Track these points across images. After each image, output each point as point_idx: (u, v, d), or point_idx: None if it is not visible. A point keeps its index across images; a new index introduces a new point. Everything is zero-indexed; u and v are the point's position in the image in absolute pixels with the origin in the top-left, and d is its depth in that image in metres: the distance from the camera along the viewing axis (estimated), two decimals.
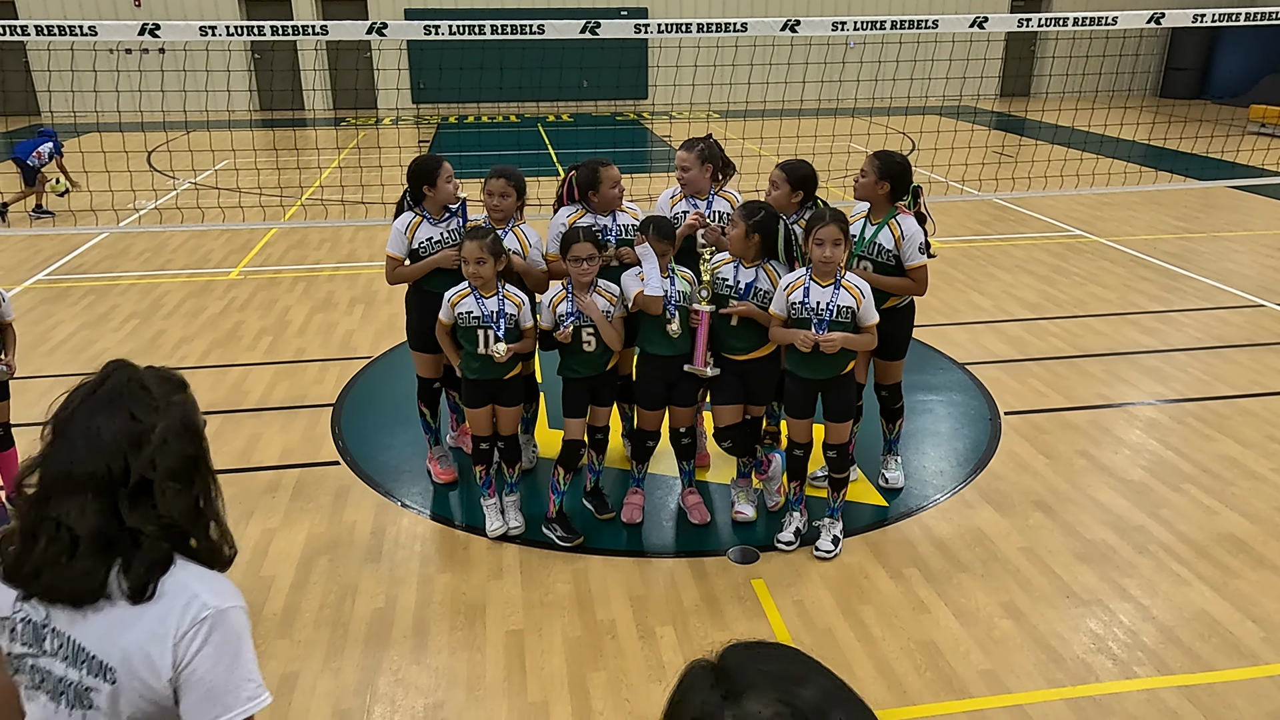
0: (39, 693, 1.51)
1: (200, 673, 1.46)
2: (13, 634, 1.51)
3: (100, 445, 1.46)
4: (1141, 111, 16.97)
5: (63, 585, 1.44)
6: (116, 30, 5.00)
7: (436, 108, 19.98)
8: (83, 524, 1.43)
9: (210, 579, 1.52)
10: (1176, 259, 8.42)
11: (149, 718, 1.50)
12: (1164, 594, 3.74)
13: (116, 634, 1.45)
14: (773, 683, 0.87)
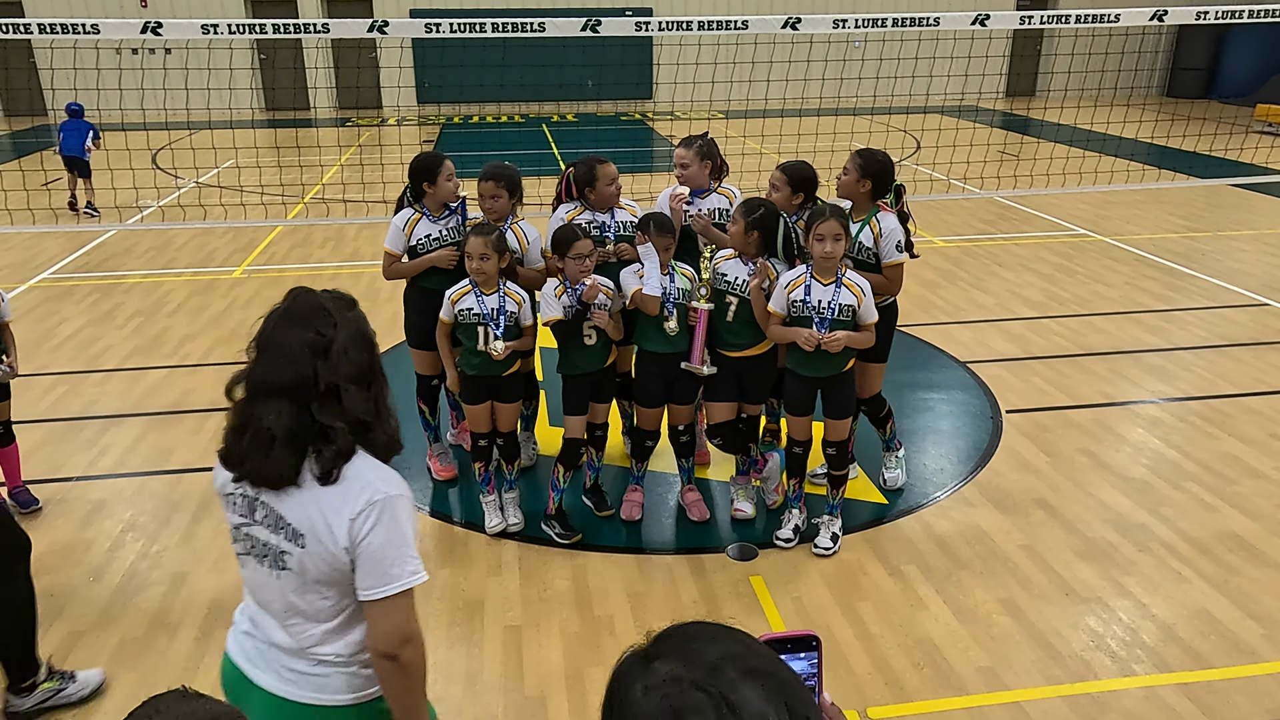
0: (249, 557, 1.87)
1: (372, 548, 1.75)
2: (233, 506, 1.87)
3: (292, 357, 1.74)
4: (1145, 109, 16.92)
5: (262, 472, 1.77)
6: (119, 28, 5.02)
7: (441, 107, 20.02)
8: (279, 424, 1.73)
9: (382, 469, 1.82)
10: (1181, 258, 8.39)
11: (328, 580, 1.80)
12: (1164, 591, 3.73)
13: (307, 508, 1.77)
14: (681, 644, 0.94)
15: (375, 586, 1.76)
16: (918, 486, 4.56)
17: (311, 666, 1.86)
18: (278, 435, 1.73)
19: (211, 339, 6.51)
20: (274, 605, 1.86)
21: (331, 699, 1.87)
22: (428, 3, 19.52)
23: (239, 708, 1.51)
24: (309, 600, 1.82)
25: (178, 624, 3.55)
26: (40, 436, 5.03)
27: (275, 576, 1.82)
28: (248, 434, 1.76)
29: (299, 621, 1.84)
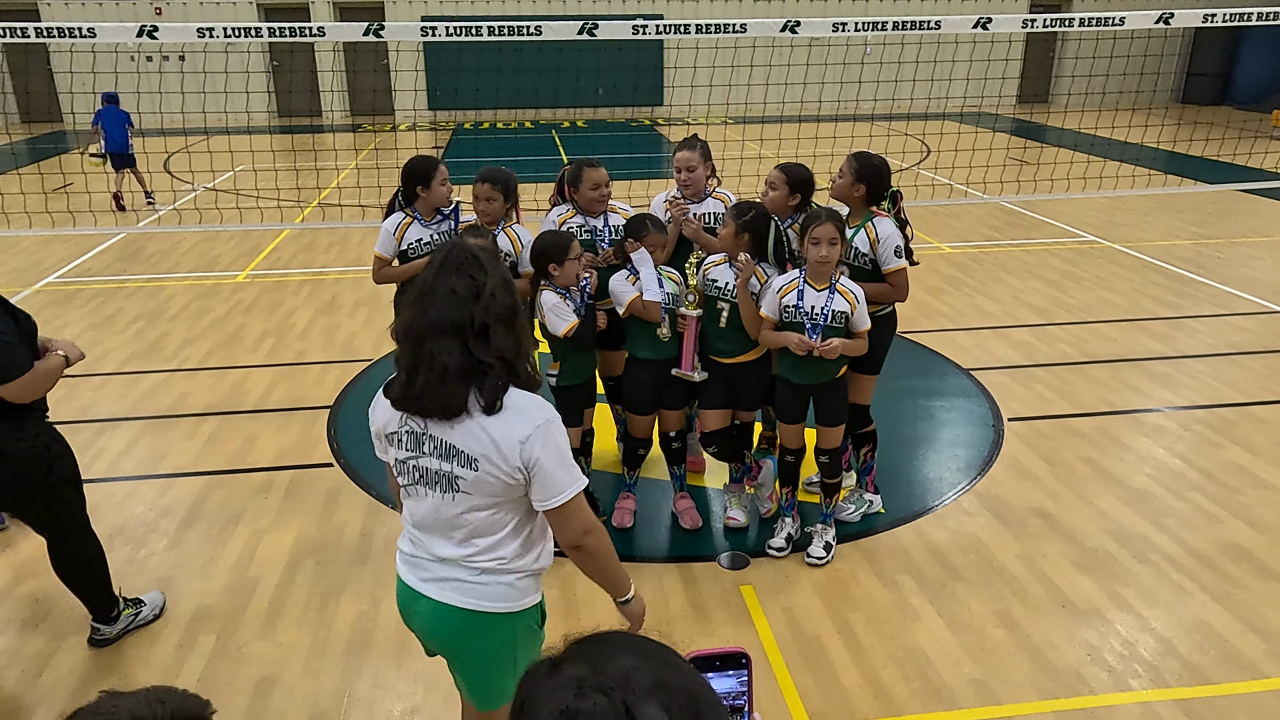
0: (418, 486, 2.11)
1: (542, 466, 2.02)
2: (399, 443, 2.10)
3: (454, 300, 1.98)
4: (1151, 115, 16.78)
5: (438, 404, 1.99)
6: (115, 32, 5.03)
7: (452, 114, 20.07)
8: (450, 359, 1.97)
9: (536, 398, 2.08)
10: (1191, 264, 8.28)
11: (499, 497, 2.07)
12: (1163, 604, 3.65)
13: (477, 435, 2.01)
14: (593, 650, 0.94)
15: (551, 497, 2.05)
16: (915, 495, 4.49)
17: (474, 576, 2.12)
18: (450, 370, 1.97)
19: (211, 343, 6.51)
20: (442, 525, 2.12)
21: (490, 606, 2.13)
22: (440, 10, 19.58)
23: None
24: (478, 517, 2.09)
25: (160, 629, 3.53)
26: None
27: (450, 499, 2.08)
28: (420, 373, 1.99)
29: (465, 537, 2.11)
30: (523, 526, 2.14)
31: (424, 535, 2.17)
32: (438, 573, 2.15)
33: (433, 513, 2.11)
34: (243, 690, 3.21)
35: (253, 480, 4.63)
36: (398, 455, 2.13)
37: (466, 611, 2.13)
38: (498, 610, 2.14)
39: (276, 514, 4.34)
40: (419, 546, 2.19)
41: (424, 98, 19.42)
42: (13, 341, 2.88)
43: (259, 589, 3.78)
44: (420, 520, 2.16)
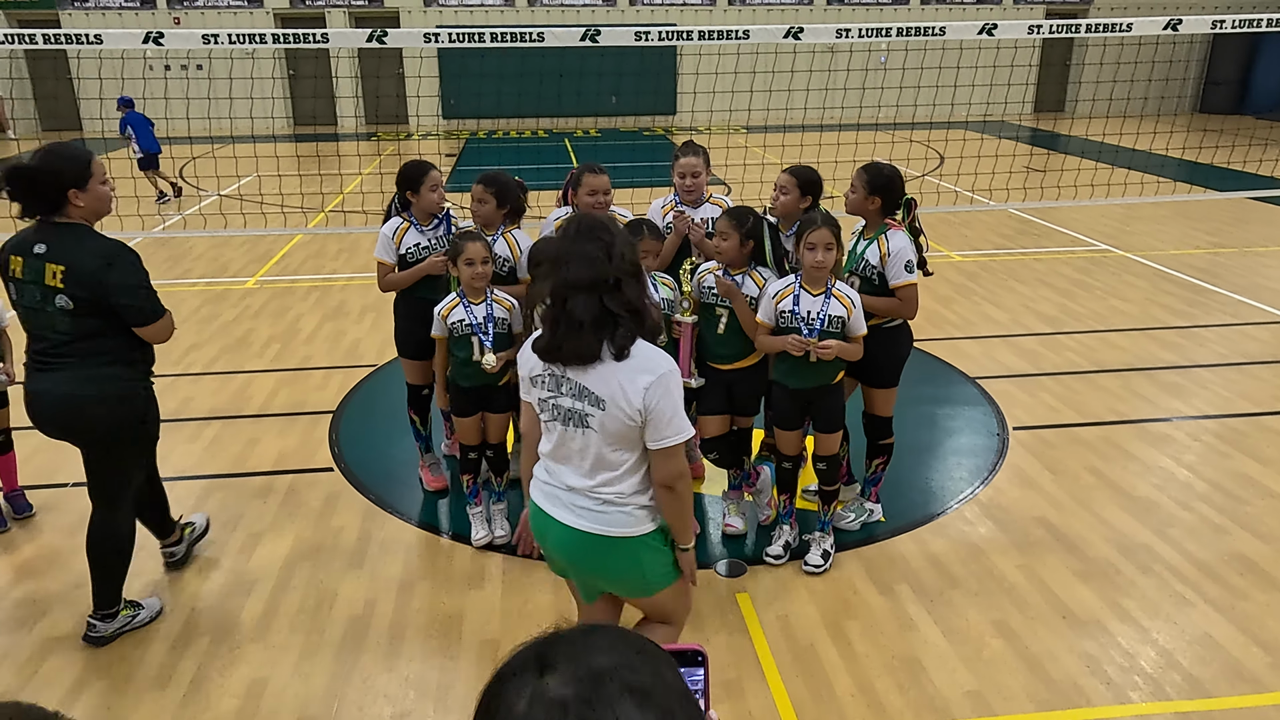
0: (555, 422, 2.45)
1: (658, 409, 2.33)
2: (541, 384, 2.45)
3: (590, 260, 2.30)
4: (1164, 122, 16.64)
5: (576, 352, 2.33)
6: (123, 39, 5.08)
7: (465, 122, 20.17)
8: (586, 313, 2.30)
9: (658, 351, 2.39)
10: (1204, 273, 8.19)
11: (620, 434, 2.38)
12: (1165, 615, 3.59)
13: (607, 380, 2.33)
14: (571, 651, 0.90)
15: (660, 439, 2.36)
16: (916, 503, 4.44)
17: (598, 505, 2.44)
18: (585, 322, 2.30)
19: (218, 348, 6.54)
20: (573, 457, 2.44)
21: (612, 531, 2.45)
22: (454, 20, 19.71)
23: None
24: (603, 451, 2.40)
25: (153, 632, 3.53)
26: (38, 442, 5.04)
27: (580, 434, 2.40)
28: (561, 325, 2.33)
29: (591, 469, 2.42)
30: (639, 465, 2.44)
31: (556, 465, 2.50)
32: (567, 500, 2.48)
33: (564, 445, 2.46)
34: (233, 692, 3.20)
35: (252, 484, 4.64)
36: (539, 395, 2.48)
37: (593, 535, 2.46)
38: (619, 534, 2.47)
39: (275, 517, 4.35)
40: (553, 476, 2.52)
41: (439, 106, 19.55)
42: (146, 288, 3.19)
43: (254, 591, 3.78)
44: (554, 452, 2.50)
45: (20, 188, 3.11)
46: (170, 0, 19.01)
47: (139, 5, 18.96)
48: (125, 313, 3.15)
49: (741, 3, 20.37)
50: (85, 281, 3.07)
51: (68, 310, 3.10)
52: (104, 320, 3.15)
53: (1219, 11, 16.12)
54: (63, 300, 3.09)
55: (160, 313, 3.24)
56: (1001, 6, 20.62)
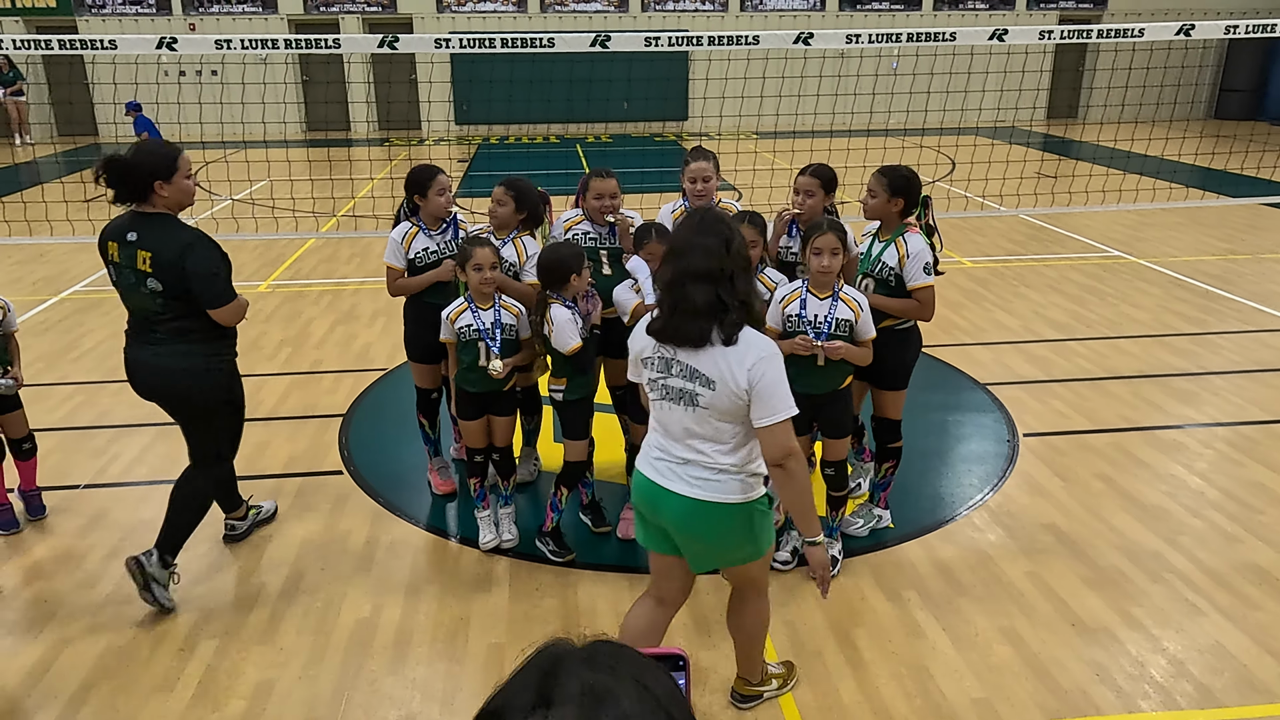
0: (665, 401, 2.66)
1: (763, 389, 2.52)
2: (651, 366, 2.67)
3: (709, 252, 2.55)
4: (1179, 128, 16.55)
5: (689, 335, 2.56)
6: (135, 44, 5.13)
7: (477, 128, 20.23)
8: (702, 300, 2.53)
9: (762, 336, 2.61)
10: (1217, 280, 8.14)
11: (730, 411, 2.57)
12: (1176, 624, 3.56)
13: (716, 362, 2.55)
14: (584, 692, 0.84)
15: (766, 416, 2.53)
16: (925, 510, 4.43)
17: (712, 475, 2.63)
18: (700, 308, 2.52)
19: None
20: (682, 433, 2.64)
21: (725, 498, 2.64)
22: (467, 27, 19.79)
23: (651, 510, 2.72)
24: (714, 428, 2.60)
25: (163, 634, 3.55)
26: (52, 444, 5.10)
27: (690, 412, 2.60)
28: (678, 310, 2.55)
29: (704, 443, 2.62)
30: (746, 438, 2.63)
31: (667, 441, 2.69)
32: (679, 471, 2.66)
33: (675, 422, 2.64)
34: (240, 694, 3.22)
35: (262, 487, 4.66)
36: (650, 375, 2.69)
37: (705, 502, 2.64)
38: (730, 501, 2.65)
39: (283, 520, 4.37)
40: (664, 450, 2.71)
41: (452, 112, 19.61)
42: (223, 275, 3.51)
43: (262, 594, 3.80)
44: (664, 428, 2.69)
45: (113, 176, 3.40)
46: (186, 6, 19.16)
47: (155, 11, 19.11)
48: (199, 296, 3.44)
49: (753, 9, 20.39)
50: (168, 267, 3.38)
51: (158, 292, 3.42)
52: (188, 302, 3.45)
53: (1234, 17, 16.02)
54: (153, 283, 3.41)
55: (229, 298, 3.52)
56: (1014, 12, 20.56)
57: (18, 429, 4.27)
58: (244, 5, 19.34)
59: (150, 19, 18.98)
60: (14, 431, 4.25)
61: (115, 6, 19.04)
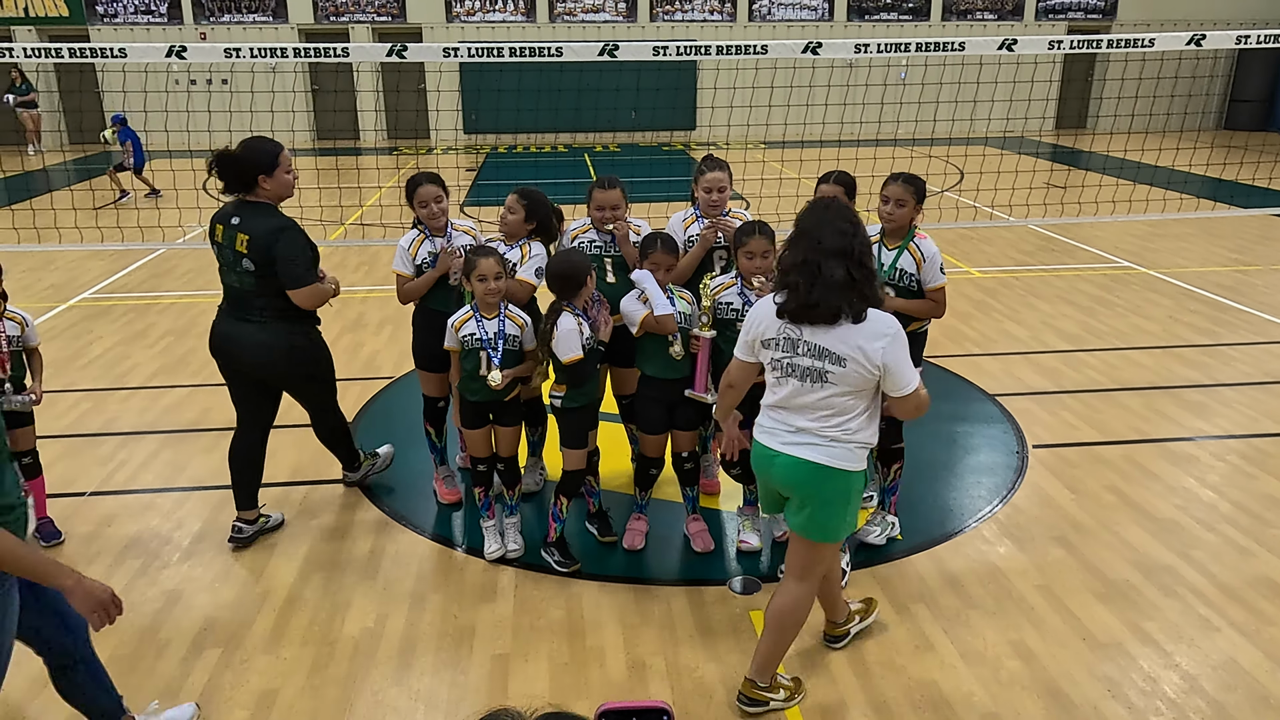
0: (789, 379, 2.87)
1: (893, 362, 2.76)
2: (775, 346, 2.88)
3: (842, 232, 2.77)
4: (1188, 138, 16.49)
5: (823, 313, 2.75)
6: (145, 52, 5.15)
7: (485, 137, 20.29)
8: (838, 275, 2.73)
9: (886, 315, 2.82)
10: (1229, 291, 8.09)
11: (856, 387, 2.80)
12: (1189, 639, 3.52)
13: (846, 340, 2.76)
14: None
15: (899, 388, 2.81)
16: (933, 522, 4.39)
17: (825, 442, 2.86)
18: (838, 283, 2.72)
19: None
20: (803, 407, 2.86)
21: (836, 464, 2.86)
22: (477, 37, 19.86)
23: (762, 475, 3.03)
24: (837, 401, 2.82)
25: (166, 642, 3.54)
26: (59, 451, 5.10)
27: (816, 388, 2.82)
28: (816, 286, 2.73)
29: (828, 416, 2.84)
30: (866, 409, 2.86)
31: (784, 413, 2.92)
32: (795, 438, 2.90)
33: (796, 397, 2.87)
34: (243, 704, 3.20)
35: (267, 495, 4.63)
36: (773, 356, 2.90)
37: (818, 465, 2.86)
38: (841, 467, 2.87)
39: (288, 529, 4.36)
40: (778, 421, 2.94)
41: (461, 121, 19.68)
42: (303, 260, 3.85)
43: (266, 603, 3.78)
44: (783, 402, 2.91)
45: (223, 169, 3.81)
46: (197, 16, 19.29)
47: (166, 20, 19.24)
48: (281, 277, 3.80)
49: (761, 19, 20.43)
50: (260, 249, 3.77)
51: (250, 271, 3.81)
52: (276, 282, 3.82)
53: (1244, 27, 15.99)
54: (247, 263, 3.80)
55: (305, 281, 3.85)
56: (1023, 23, 20.56)
57: (25, 443, 4.15)
58: (255, 15, 19.47)
59: (162, 28, 19.12)
60: (20, 445, 4.15)
61: (127, 16, 19.18)
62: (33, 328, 4.14)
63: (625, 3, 20.19)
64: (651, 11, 20.10)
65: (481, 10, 19.95)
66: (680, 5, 20.39)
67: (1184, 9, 20.00)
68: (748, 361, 3.03)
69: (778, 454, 2.91)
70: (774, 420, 2.95)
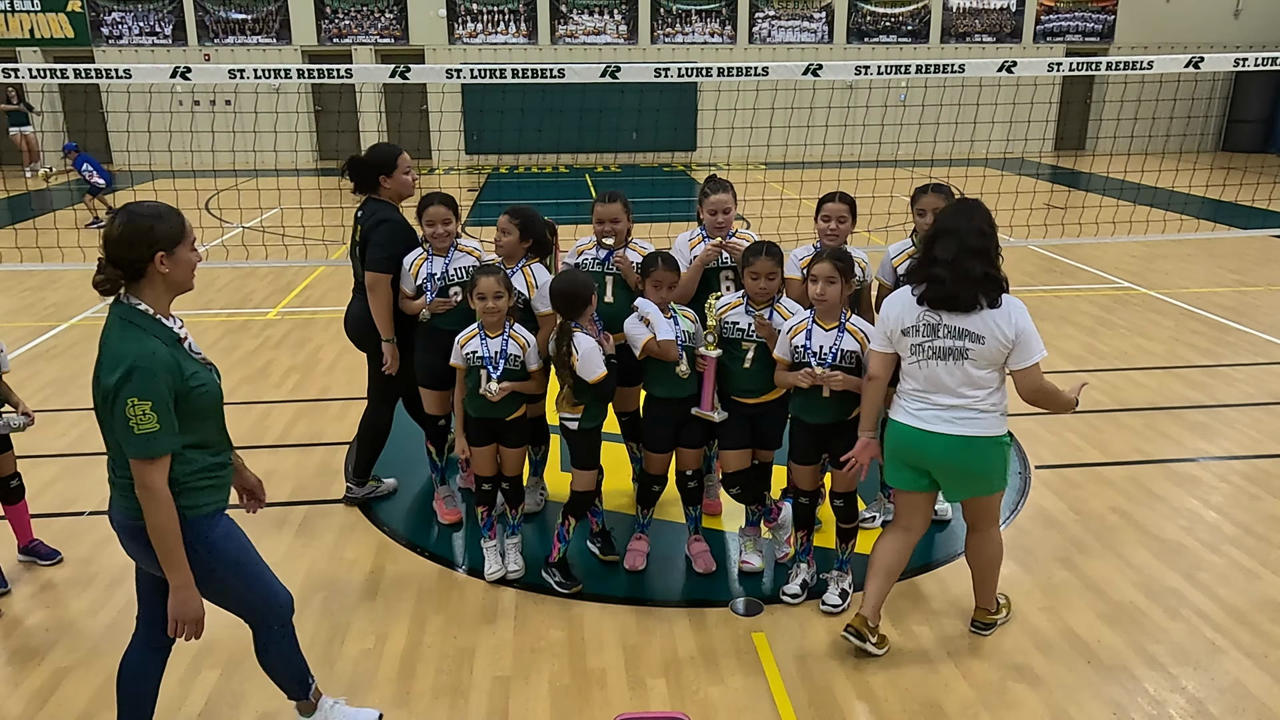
0: (930, 360, 3.24)
1: (1022, 340, 3.17)
2: (915, 332, 3.26)
3: (980, 233, 3.18)
4: (1186, 159, 16.55)
5: (963, 302, 3.15)
6: (150, 73, 5.18)
7: (487, 158, 20.38)
8: (978, 271, 3.14)
9: (1013, 298, 3.22)
10: (1231, 312, 8.09)
11: (992, 361, 3.19)
12: (1195, 662, 3.49)
13: (985, 321, 3.15)
14: None
15: (1022, 361, 3.18)
16: (936, 543, 4.37)
17: (973, 415, 3.23)
18: (977, 278, 3.13)
19: (237, 378, 6.58)
20: (947, 385, 3.22)
21: (985, 433, 3.25)
22: (479, 59, 20.00)
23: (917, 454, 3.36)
24: (978, 377, 3.20)
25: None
26: (57, 470, 5.09)
27: (958, 366, 3.19)
28: (959, 280, 3.13)
29: (969, 389, 3.21)
30: (1000, 380, 3.26)
31: (930, 393, 3.27)
32: (947, 416, 3.24)
33: (940, 378, 3.23)
34: None
35: (267, 515, 4.61)
36: (913, 342, 3.26)
37: (974, 438, 3.24)
38: (992, 435, 3.26)
39: (288, 549, 4.33)
40: (925, 402, 3.28)
41: (462, 141, 19.78)
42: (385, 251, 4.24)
43: None
44: (927, 385, 3.26)
45: (352, 171, 4.40)
46: (201, 38, 19.43)
47: (171, 42, 19.39)
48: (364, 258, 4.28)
49: (761, 41, 20.58)
50: (364, 234, 4.28)
51: (358, 257, 4.35)
52: None
53: (1241, 50, 16.09)
54: (358, 249, 4.33)
55: (377, 269, 4.19)
56: (1021, 45, 20.71)
57: (7, 467, 4.07)
58: (258, 37, 19.62)
59: (166, 49, 19.26)
60: (2, 470, 4.06)
61: (132, 38, 19.34)
62: (3, 354, 3.96)
63: (626, 25, 20.35)
64: (653, 34, 20.25)
65: (484, 33, 20.11)
66: (681, 28, 20.55)
67: (1181, 32, 20.14)
68: (885, 353, 3.35)
69: (934, 434, 3.25)
70: (920, 404, 3.29)
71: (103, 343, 2.54)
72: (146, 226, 2.52)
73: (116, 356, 2.48)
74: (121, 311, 2.55)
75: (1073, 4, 20.96)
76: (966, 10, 20.84)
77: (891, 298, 3.33)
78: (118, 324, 2.53)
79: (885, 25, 20.83)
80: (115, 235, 2.50)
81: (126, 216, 2.52)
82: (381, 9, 19.80)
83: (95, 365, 2.53)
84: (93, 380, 2.54)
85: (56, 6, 19.04)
